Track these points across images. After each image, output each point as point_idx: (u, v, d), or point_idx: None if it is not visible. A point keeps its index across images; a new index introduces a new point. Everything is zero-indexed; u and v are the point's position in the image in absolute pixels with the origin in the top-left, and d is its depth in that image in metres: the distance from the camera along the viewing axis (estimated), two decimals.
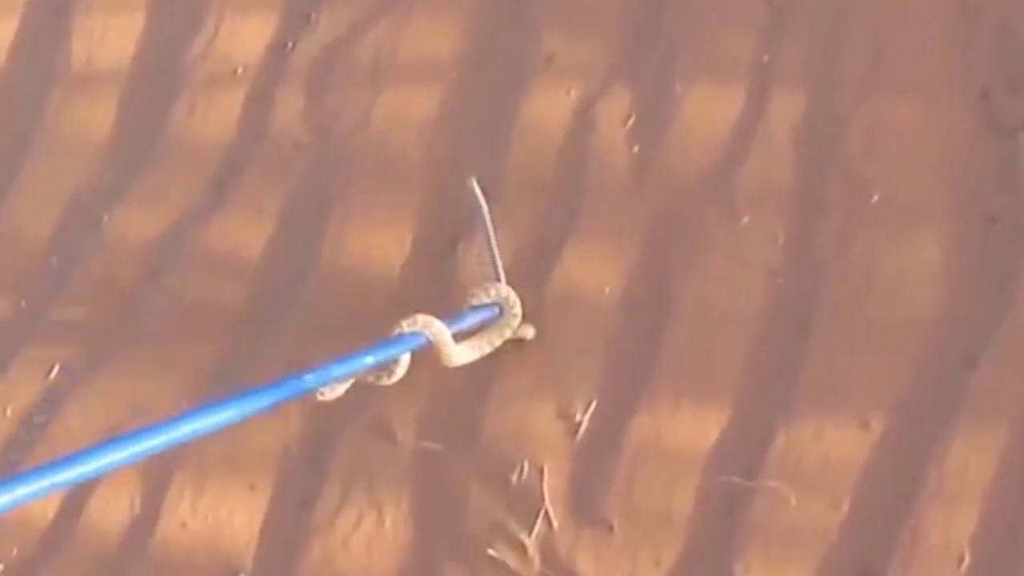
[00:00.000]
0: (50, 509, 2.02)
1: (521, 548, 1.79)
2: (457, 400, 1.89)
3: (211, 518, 1.95)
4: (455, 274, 1.95)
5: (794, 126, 1.85)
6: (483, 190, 1.86)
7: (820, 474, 1.69)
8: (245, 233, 2.09)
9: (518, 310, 1.84)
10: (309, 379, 1.56)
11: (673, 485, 1.75)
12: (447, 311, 1.87)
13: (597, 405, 1.82)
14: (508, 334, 1.84)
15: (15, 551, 2.04)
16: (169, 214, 2.15)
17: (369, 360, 1.65)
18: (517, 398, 1.83)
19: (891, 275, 1.75)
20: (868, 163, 1.80)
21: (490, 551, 1.80)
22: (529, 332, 1.85)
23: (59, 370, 2.10)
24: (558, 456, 1.81)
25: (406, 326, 1.71)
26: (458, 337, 1.78)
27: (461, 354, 1.79)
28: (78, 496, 2.02)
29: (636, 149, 1.93)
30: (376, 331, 1.93)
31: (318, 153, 2.11)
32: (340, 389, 1.69)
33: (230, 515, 1.94)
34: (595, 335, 1.85)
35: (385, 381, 1.73)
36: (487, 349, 1.83)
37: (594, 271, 1.88)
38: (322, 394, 1.67)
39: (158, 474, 1.98)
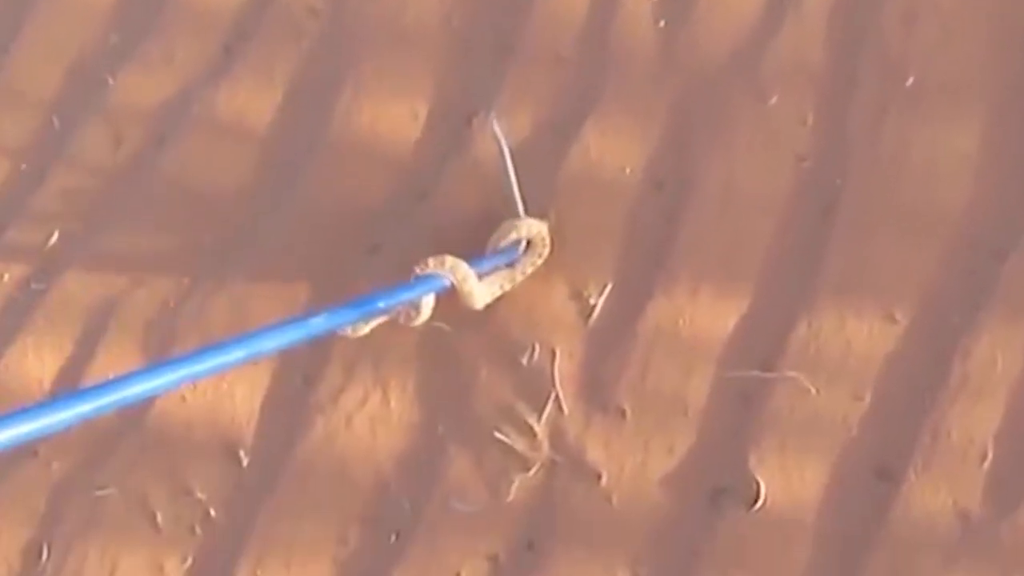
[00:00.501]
0: (47, 380, 1.98)
1: (530, 432, 1.75)
2: None
3: (211, 393, 1.91)
4: (470, 149, 1.89)
5: (828, 2, 1.81)
6: (502, 60, 1.80)
7: (841, 366, 1.66)
8: (253, 101, 2.04)
9: (547, 242, 1.79)
10: (317, 322, 1.49)
11: (689, 373, 1.72)
12: (461, 195, 1.84)
13: (612, 288, 1.78)
14: (530, 270, 1.79)
15: None
16: (175, 79, 2.10)
17: (381, 304, 1.61)
18: (529, 278, 1.79)
19: (923, 162, 1.71)
20: (905, 44, 1.76)
21: (497, 434, 1.77)
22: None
23: (58, 236, 2.05)
24: (570, 339, 1.77)
25: (419, 271, 1.66)
26: (480, 277, 1.72)
27: (484, 294, 1.73)
28: (76, 367, 1.98)
29: (662, 24, 1.88)
30: (384, 210, 1.89)
31: (332, 20, 2.05)
32: (365, 328, 1.66)
33: (231, 389, 1.90)
34: (612, 216, 1.81)
35: (404, 321, 1.69)
36: (507, 287, 1.78)
37: (614, 150, 1.83)
38: (346, 331, 1.64)
39: (158, 346, 1.94)
